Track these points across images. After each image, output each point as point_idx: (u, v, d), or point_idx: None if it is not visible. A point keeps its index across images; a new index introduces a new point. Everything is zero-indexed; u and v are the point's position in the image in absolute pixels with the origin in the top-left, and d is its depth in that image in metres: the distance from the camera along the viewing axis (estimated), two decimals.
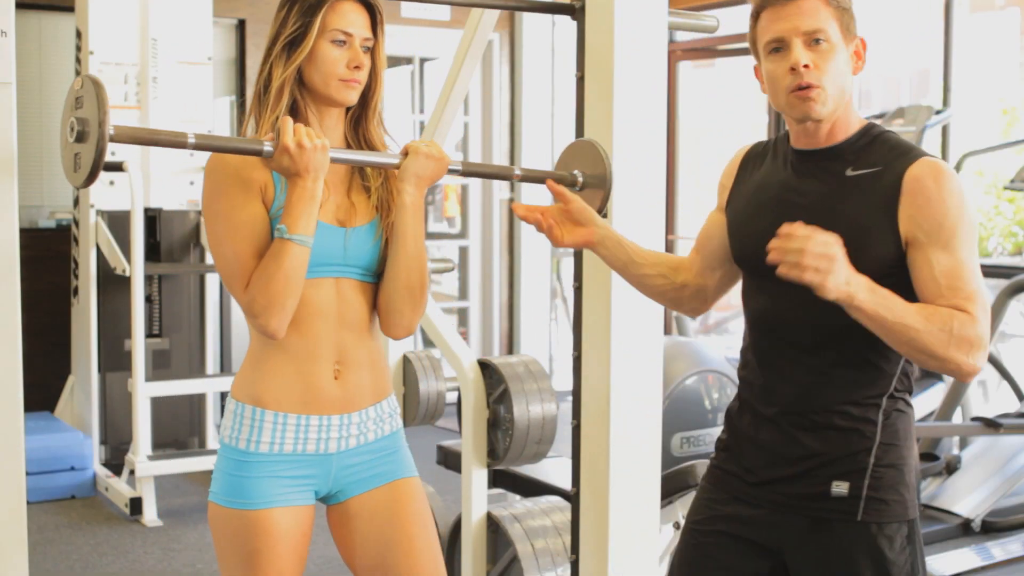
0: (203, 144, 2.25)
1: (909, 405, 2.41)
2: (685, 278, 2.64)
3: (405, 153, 2.44)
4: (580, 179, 2.63)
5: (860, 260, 2.20)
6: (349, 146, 2.53)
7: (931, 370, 2.31)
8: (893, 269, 2.28)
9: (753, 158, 2.57)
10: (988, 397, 7.00)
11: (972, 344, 2.19)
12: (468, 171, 2.62)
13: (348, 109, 2.52)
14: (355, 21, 2.43)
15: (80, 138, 2.12)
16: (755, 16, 2.42)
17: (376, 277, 2.51)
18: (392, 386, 2.63)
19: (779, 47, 2.35)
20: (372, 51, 2.47)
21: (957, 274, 2.24)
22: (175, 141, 2.22)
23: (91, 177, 2.12)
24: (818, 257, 2.12)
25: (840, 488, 2.35)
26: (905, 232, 2.27)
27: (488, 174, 2.79)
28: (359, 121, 2.54)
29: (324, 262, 2.41)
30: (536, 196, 8.82)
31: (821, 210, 2.31)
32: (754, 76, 2.51)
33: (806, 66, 2.30)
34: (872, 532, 2.35)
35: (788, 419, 2.40)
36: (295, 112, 2.45)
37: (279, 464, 2.43)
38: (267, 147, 2.28)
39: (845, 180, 2.35)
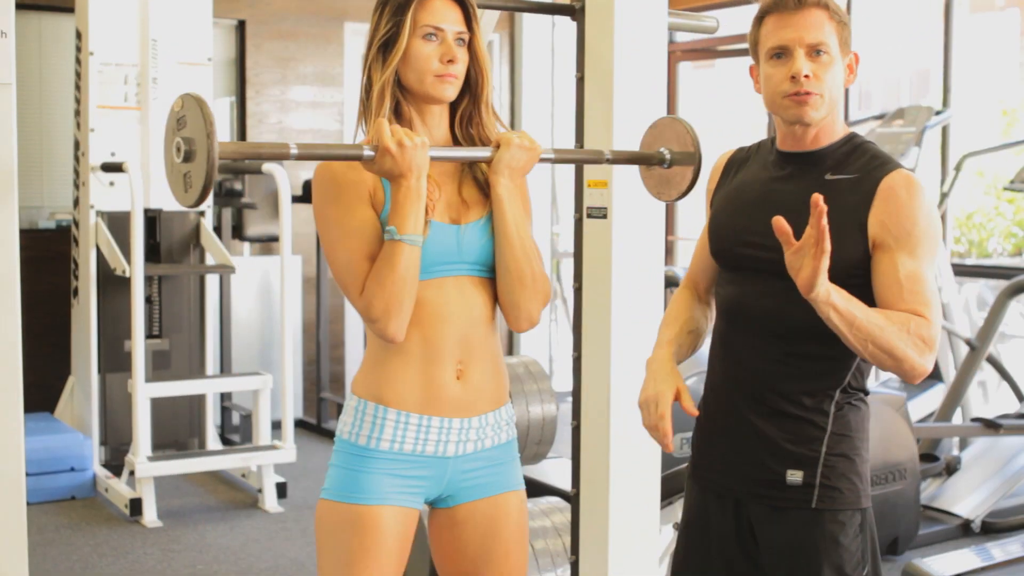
0: (305, 154, 2.23)
1: (863, 400, 2.53)
2: (700, 312, 2.74)
3: (497, 145, 2.43)
4: (668, 156, 2.66)
5: (830, 262, 2.29)
6: (457, 142, 2.51)
7: (885, 370, 2.41)
8: (858, 271, 2.41)
9: (737, 162, 2.68)
10: (988, 398, 7.01)
11: (926, 344, 2.33)
12: (560, 158, 2.62)
13: (454, 105, 2.50)
14: (446, 15, 2.41)
15: (188, 157, 2.11)
16: (759, 19, 2.53)
17: (491, 272, 2.50)
18: (507, 384, 2.60)
19: (781, 54, 2.46)
20: (470, 45, 2.45)
21: (918, 279, 2.37)
22: (278, 153, 2.20)
23: (203, 195, 2.10)
24: (819, 246, 2.22)
25: (795, 476, 2.47)
26: (873, 235, 2.40)
27: (579, 160, 2.84)
28: (471, 117, 2.51)
29: (440, 261, 2.40)
30: (534, 197, 8.82)
31: (796, 211, 2.40)
32: (749, 75, 2.62)
33: (807, 76, 2.42)
34: (827, 519, 2.46)
35: (746, 403, 2.52)
36: (398, 114, 2.44)
37: (398, 463, 2.43)
38: (367, 151, 2.27)
39: (823, 183, 2.46)
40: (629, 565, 3.33)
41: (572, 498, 3.43)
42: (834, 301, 2.27)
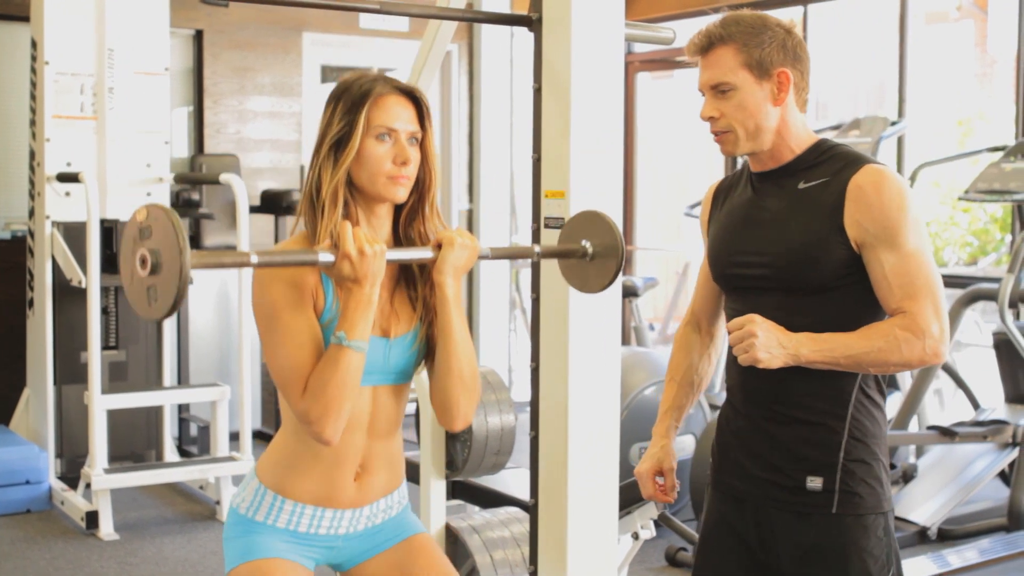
0: (266, 262, 2.19)
1: (877, 404, 2.54)
2: (700, 353, 2.85)
3: (438, 245, 2.40)
4: (590, 250, 2.62)
5: (817, 267, 2.44)
6: (398, 240, 2.50)
7: (900, 371, 2.47)
8: (849, 271, 2.45)
9: (724, 191, 2.74)
10: (944, 406, 7.06)
11: (921, 336, 2.38)
12: (495, 255, 2.62)
13: (399, 203, 2.47)
14: (400, 115, 2.39)
15: (155, 270, 2.03)
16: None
17: (410, 378, 2.52)
18: (403, 471, 2.64)
19: (703, 94, 2.56)
20: (421, 144, 2.44)
21: (904, 271, 2.41)
22: (239, 262, 2.17)
23: (173, 309, 2.02)
24: (739, 341, 2.39)
25: (815, 483, 2.49)
26: (854, 236, 2.44)
27: (512, 255, 2.89)
28: (414, 216, 2.50)
29: (366, 371, 2.38)
30: (493, 208, 8.83)
31: (777, 224, 2.51)
32: None
33: (712, 117, 2.53)
34: (848, 524, 2.49)
35: (761, 413, 2.56)
36: (344, 210, 2.39)
37: (292, 535, 2.49)
38: (324, 257, 2.24)
39: (798, 193, 2.51)
40: (588, 574, 3.33)
41: (531, 508, 3.43)
42: (807, 358, 2.39)
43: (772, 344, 2.37)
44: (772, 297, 2.50)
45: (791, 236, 2.47)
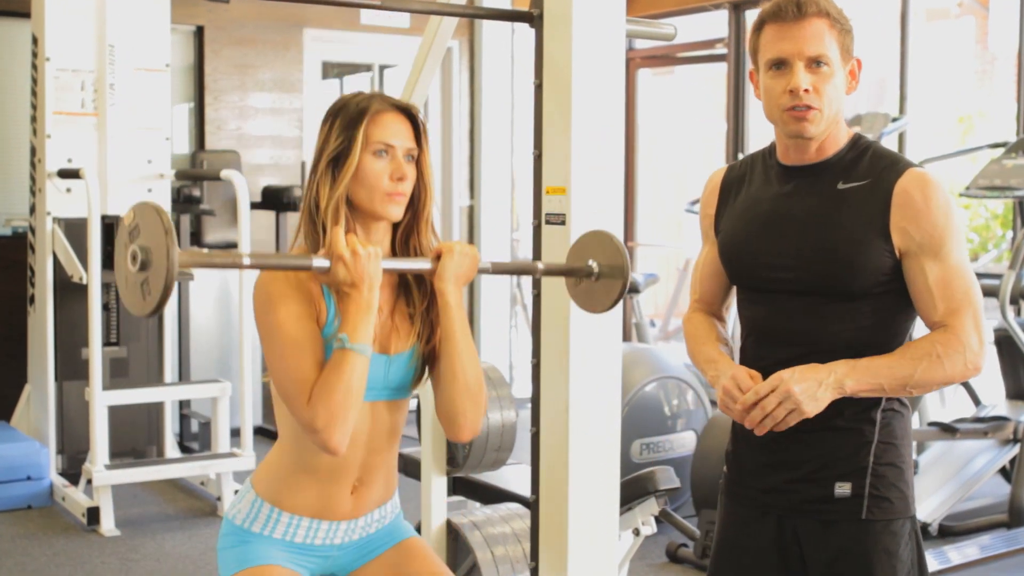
0: (258, 263, 2.21)
1: (905, 406, 2.48)
2: (723, 329, 2.70)
3: (438, 255, 2.41)
4: (596, 269, 2.62)
5: (858, 272, 2.34)
6: (395, 256, 2.51)
7: (942, 388, 2.40)
8: (889, 278, 2.38)
9: (734, 180, 2.61)
10: (945, 402, 7.06)
11: (962, 352, 2.32)
12: (496, 269, 2.62)
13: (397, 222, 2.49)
14: (397, 131, 2.41)
15: (144, 267, 2.07)
16: (759, 26, 2.45)
17: (408, 393, 2.52)
18: (396, 481, 2.65)
19: (780, 65, 2.39)
20: (417, 161, 2.45)
21: (947, 283, 2.34)
22: (231, 263, 2.20)
23: (161, 303, 2.06)
24: (780, 408, 2.29)
25: (843, 489, 2.43)
26: (898, 243, 2.36)
27: (514, 271, 2.92)
28: (410, 232, 2.51)
29: (366, 387, 2.38)
30: (494, 204, 8.83)
31: (815, 225, 2.38)
32: (749, 80, 2.55)
33: (806, 90, 2.36)
34: (877, 530, 2.42)
35: None
36: (336, 220, 2.40)
37: (288, 545, 2.49)
38: (318, 262, 2.25)
39: (837, 194, 2.41)
40: (589, 570, 3.33)
41: (532, 504, 3.43)
42: (852, 388, 2.32)
43: (813, 389, 2.29)
44: (802, 301, 2.39)
45: (830, 238, 2.37)
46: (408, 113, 2.45)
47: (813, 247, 2.39)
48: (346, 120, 2.39)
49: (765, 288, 2.49)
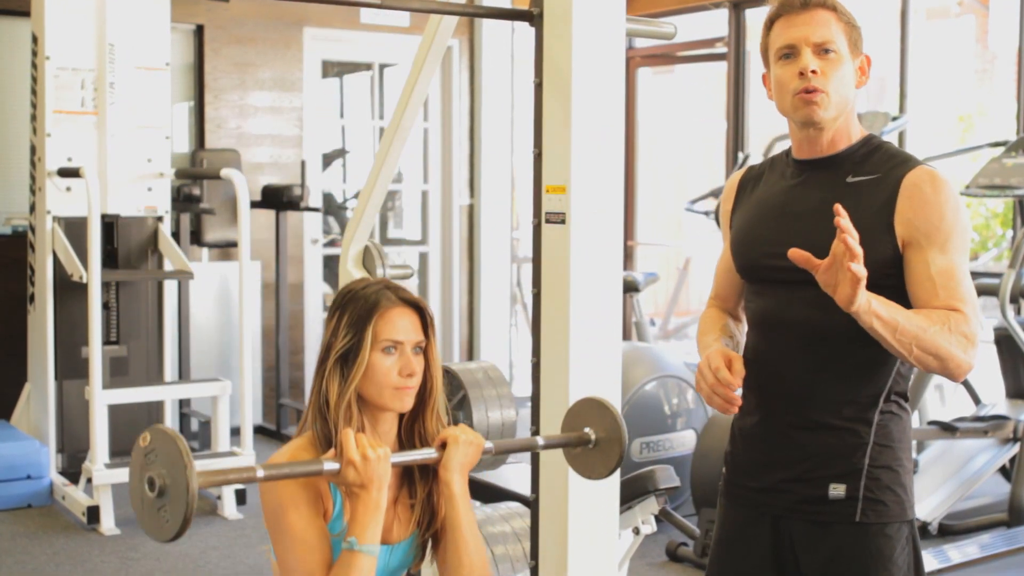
0: (272, 475, 2.22)
1: (904, 407, 2.48)
2: (733, 324, 2.70)
3: (442, 444, 2.44)
4: (592, 437, 2.65)
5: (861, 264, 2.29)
6: (402, 443, 2.53)
7: (929, 371, 2.38)
8: (890, 271, 2.38)
9: (751, 180, 2.65)
10: (944, 401, 7.06)
11: (968, 340, 2.30)
12: (499, 450, 2.66)
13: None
14: (405, 327, 2.42)
15: (162, 494, 2.08)
16: (768, 25, 2.52)
17: (443, 564, 2.53)
18: None
19: (790, 53, 2.45)
20: (425, 352, 2.47)
21: (951, 275, 2.34)
22: (246, 477, 2.19)
23: (182, 531, 2.06)
24: (846, 272, 2.18)
25: (837, 490, 2.42)
26: (902, 234, 2.36)
27: (516, 449, 2.98)
28: (415, 418, 2.53)
29: None
30: (494, 204, 8.83)
31: (822, 216, 2.36)
32: (762, 83, 2.59)
33: (814, 71, 2.40)
34: (872, 533, 2.41)
35: (784, 417, 2.47)
36: (348, 418, 2.43)
37: None
38: (328, 466, 2.26)
39: (845, 187, 2.43)
40: (588, 569, 3.33)
41: (531, 503, 3.43)
42: (876, 310, 2.24)
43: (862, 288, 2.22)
44: (804, 292, 2.36)
45: (835, 229, 2.33)
46: (416, 305, 2.46)
47: (818, 237, 2.36)
48: (354, 317, 2.41)
49: (769, 279, 2.50)
